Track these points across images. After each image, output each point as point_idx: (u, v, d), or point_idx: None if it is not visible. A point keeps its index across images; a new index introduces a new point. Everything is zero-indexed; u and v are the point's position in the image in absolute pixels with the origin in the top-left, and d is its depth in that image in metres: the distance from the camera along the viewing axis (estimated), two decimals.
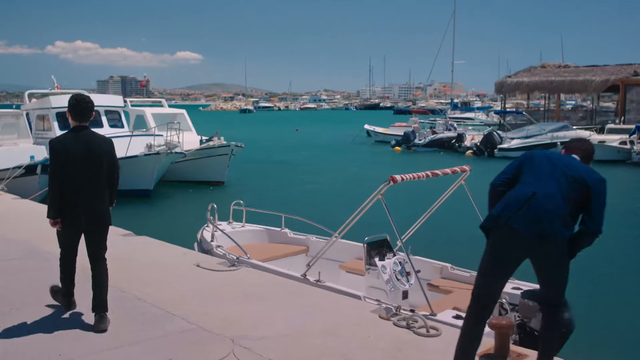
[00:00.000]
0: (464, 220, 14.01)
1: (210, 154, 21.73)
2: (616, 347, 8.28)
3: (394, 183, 6.75)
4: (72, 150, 5.50)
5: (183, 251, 8.57)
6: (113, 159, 5.75)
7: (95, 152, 5.59)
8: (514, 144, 33.14)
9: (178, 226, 15.26)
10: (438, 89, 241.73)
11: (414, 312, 6.24)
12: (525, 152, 4.91)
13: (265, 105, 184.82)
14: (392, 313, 6.15)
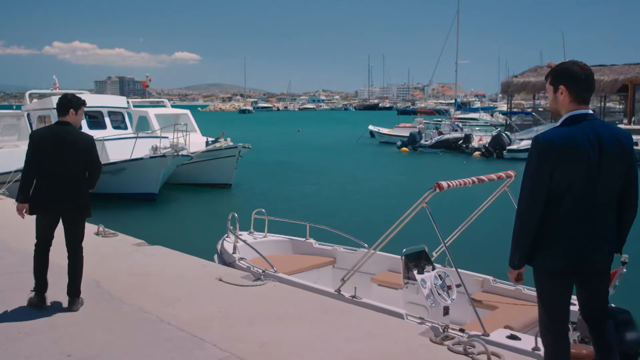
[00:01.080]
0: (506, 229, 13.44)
1: (217, 156, 21.09)
2: None
3: (440, 190, 6.14)
4: (45, 140, 5.98)
5: (202, 263, 7.95)
6: (91, 157, 6.06)
7: (68, 145, 5.94)
8: (524, 145, 32.48)
9: (189, 233, 14.64)
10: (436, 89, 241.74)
11: (465, 333, 5.66)
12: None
13: (264, 105, 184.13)
14: (442, 335, 5.57)
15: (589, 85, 3.93)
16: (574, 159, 3.79)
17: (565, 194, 3.84)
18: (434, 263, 7.42)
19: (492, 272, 7.65)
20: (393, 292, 7.50)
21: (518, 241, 3.96)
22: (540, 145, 3.83)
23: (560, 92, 3.93)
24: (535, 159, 3.86)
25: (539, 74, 42.79)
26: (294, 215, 13.01)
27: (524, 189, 3.96)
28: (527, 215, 3.89)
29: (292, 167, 29.88)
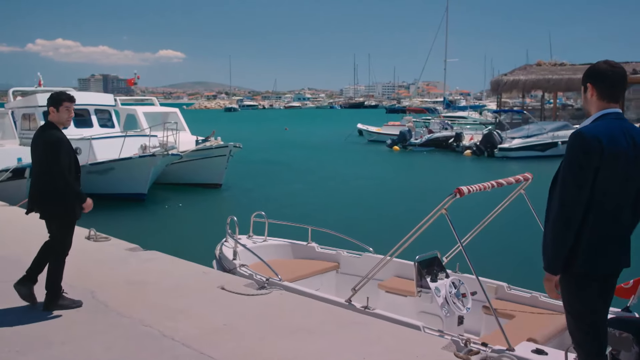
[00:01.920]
0: (521, 233, 12.95)
1: (207, 155, 20.61)
2: None
3: (461, 196, 5.77)
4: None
5: (202, 270, 7.53)
6: (42, 157, 5.86)
7: (34, 145, 5.97)
8: (515, 143, 32.34)
9: (183, 236, 14.14)
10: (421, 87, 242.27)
11: (488, 347, 5.32)
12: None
13: (250, 104, 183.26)
14: (466, 350, 5.23)
15: (614, 83, 3.79)
16: (616, 158, 3.64)
17: (605, 195, 3.67)
18: (447, 270, 7.09)
19: (506, 278, 7.32)
20: (402, 300, 7.14)
21: (559, 243, 3.69)
22: (587, 141, 3.62)
23: (588, 90, 3.84)
24: (580, 154, 3.63)
25: (529, 72, 42.74)
26: (290, 216, 12.64)
27: (567, 186, 3.68)
28: (571, 215, 3.65)
29: (282, 166, 29.46)
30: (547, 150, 32.24)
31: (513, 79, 42.04)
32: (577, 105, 54.63)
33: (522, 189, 6.95)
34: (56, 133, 5.92)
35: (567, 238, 3.67)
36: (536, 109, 46.78)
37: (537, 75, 41.42)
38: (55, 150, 5.78)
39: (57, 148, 5.79)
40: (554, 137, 32.59)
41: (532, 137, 32.83)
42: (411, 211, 17.26)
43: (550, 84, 40.45)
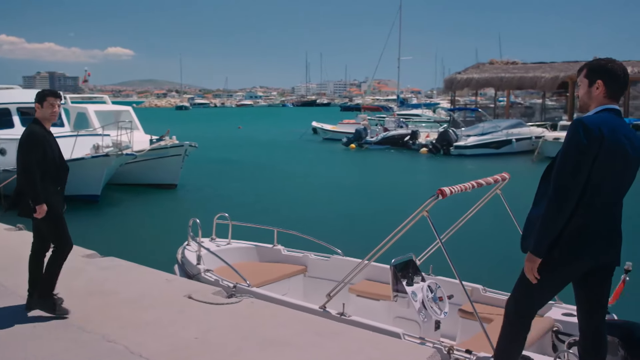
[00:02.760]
0: (496, 234, 12.89)
1: (162, 155, 20.03)
2: None
3: (443, 197, 5.53)
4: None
5: (166, 277, 7.13)
6: (18, 146, 5.68)
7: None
8: (471, 141, 32.60)
9: (141, 240, 13.61)
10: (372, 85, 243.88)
11: (473, 354, 5.13)
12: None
13: (201, 102, 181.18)
14: (451, 359, 5.01)
15: (623, 84, 3.90)
16: (615, 150, 3.71)
17: (599, 185, 3.73)
18: (422, 273, 6.87)
19: (481, 280, 7.14)
20: (375, 304, 6.91)
21: (550, 228, 3.74)
22: (588, 129, 3.66)
23: (596, 86, 3.86)
24: (581, 140, 3.67)
25: (482, 70, 43.29)
26: (253, 217, 12.28)
27: (564, 172, 3.71)
28: (567, 199, 3.70)
29: (239, 166, 28.99)
30: (502, 147, 32.64)
31: (466, 77, 42.48)
32: (526, 103, 55.58)
33: (499, 189, 6.74)
34: (33, 127, 5.78)
35: (558, 222, 3.71)
36: (487, 107, 47.38)
37: (490, 74, 41.95)
38: (23, 144, 5.66)
39: (26, 142, 5.65)
40: (508, 135, 33.00)
41: (487, 135, 33.17)
42: (376, 211, 17.13)
43: (503, 82, 41.02)
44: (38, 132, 5.73)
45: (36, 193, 5.55)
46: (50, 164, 5.73)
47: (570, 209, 3.70)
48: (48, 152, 5.71)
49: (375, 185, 23.15)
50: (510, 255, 3.85)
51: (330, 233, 11.79)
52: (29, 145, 5.63)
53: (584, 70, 3.97)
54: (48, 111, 5.86)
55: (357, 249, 8.82)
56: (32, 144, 5.63)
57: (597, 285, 3.97)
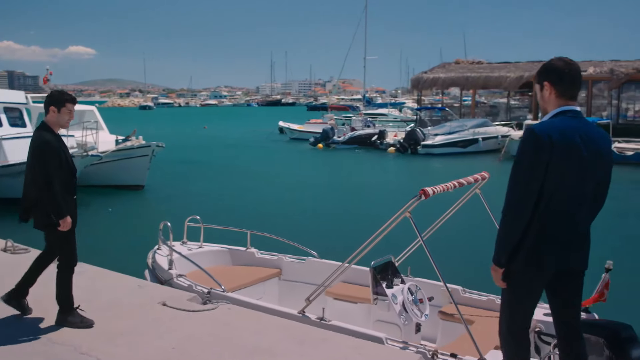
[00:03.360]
0: (474, 234, 12.73)
1: (129, 155, 19.60)
2: None
3: (426, 197, 5.42)
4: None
5: (137, 283, 6.89)
6: (34, 157, 5.41)
7: (29, 149, 5.53)
8: (438, 140, 32.74)
9: (108, 243, 13.15)
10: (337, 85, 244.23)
11: (458, 358, 5.04)
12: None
13: (165, 101, 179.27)
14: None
15: (573, 81, 3.78)
16: (568, 155, 3.63)
17: (555, 191, 3.65)
18: (407, 276, 6.76)
19: (460, 281, 7.05)
20: (353, 308, 6.79)
21: (507, 237, 3.74)
22: (537, 137, 3.61)
23: (545, 89, 3.80)
24: (531, 150, 3.63)
25: (448, 70, 43.56)
26: (224, 219, 12.05)
27: (516, 182, 3.68)
28: (521, 209, 3.66)
29: (206, 166, 28.61)
30: (469, 146, 32.86)
31: (433, 77, 42.71)
32: (490, 102, 56.17)
33: (478, 189, 6.66)
34: (45, 135, 5.46)
35: (514, 232, 3.68)
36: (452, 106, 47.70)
37: (456, 73, 42.23)
38: (40, 154, 5.36)
39: (44, 152, 5.36)
40: (474, 134, 33.23)
41: (454, 134, 33.35)
42: (350, 211, 17.01)
43: (469, 82, 41.33)
44: (52, 141, 5.44)
45: (59, 206, 5.33)
46: (66, 173, 5.50)
47: (525, 219, 3.66)
48: (63, 161, 5.46)
49: (346, 185, 23.05)
50: (489, 256, 3.77)
51: (304, 234, 11.63)
52: (47, 156, 5.35)
53: (536, 77, 3.94)
54: (65, 117, 5.61)
55: (332, 251, 8.68)
56: (50, 155, 5.36)
57: (564, 290, 3.94)
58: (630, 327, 5.08)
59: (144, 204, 18.83)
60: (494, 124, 36.12)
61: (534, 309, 3.95)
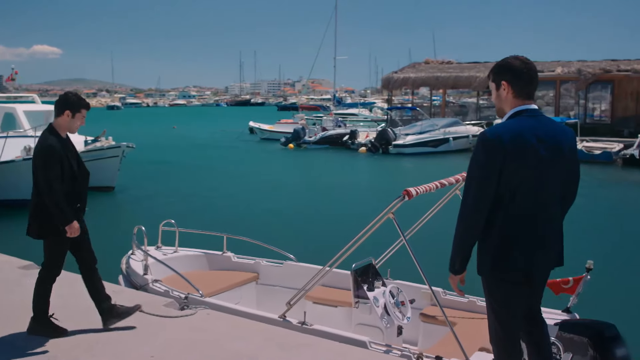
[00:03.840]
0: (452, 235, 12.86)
1: (99, 157, 19.20)
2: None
3: (410, 198, 5.34)
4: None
5: (112, 289, 6.67)
6: (35, 160, 5.16)
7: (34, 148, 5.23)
8: (409, 139, 32.85)
9: None
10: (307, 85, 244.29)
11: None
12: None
13: (133, 101, 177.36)
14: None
15: (531, 80, 3.73)
16: (523, 156, 3.55)
17: (515, 194, 3.58)
18: (386, 279, 6.69)
19: (441, 283, 6.98)
20: (333, 311, 6.70)
21: (460, 244, 3.71)
22: (488, 141, 3.57)
23: (502, 88, 3.72)
24: (482, 155, 3.59)
25: (418, 70, 43.73)
26: (196, 222, 11.88)
27: (469, 187, 3.67)
28: (473, 216, 3.63)
29: (177, 167, 28.27)
30: (440, 146, 33.04)
31: (403, 77, 42.85)
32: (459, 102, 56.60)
33: (458, 190, 6.60)
34: (50, 139, 5.21)
35: (469, 238, 3.67)
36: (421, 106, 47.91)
37: (427, 73, 42.41)
38: (43, 158, 5.12)
39: (44, 156, 5.11)
40: (445, 133, 33.42)
41: (425, 134, 33.50)
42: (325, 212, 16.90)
43: (439, 82, 41.53)
44: (56, 146, 5.20)
45: (63, 211, 5.09)
46: (68, 181, 5.23)
47: (479, 224, 3.62)
48: (66, 168, 5.21)
49: (320, 185, 22.95)
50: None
51: (280, 237, 11.52)
52: (48, 161, 5.11)
53: (490, 75, 3.83)
54: (77, 123, 5.45)
55: (309, 253, 8.57)
56: (52, 160, 5.11)
57: (536, 293, 3.92)
58: (613, 326, 5.09)
59: (115, 206, 18.51)
60: (464, 123, 36.37)
61: (519, 313, 3.83)
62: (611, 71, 35.60)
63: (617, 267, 11.09)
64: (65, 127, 5.40)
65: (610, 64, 37.23)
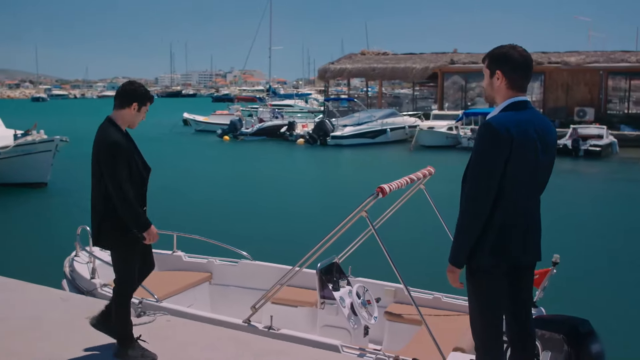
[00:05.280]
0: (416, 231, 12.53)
1: (30, 151, 18.31)
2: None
3: (384, 195, 5.17)
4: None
5: (60, 295, 6.25)
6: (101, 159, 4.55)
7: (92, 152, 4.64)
8: (347, 131, 32.86)
9: (14, 250, 12.03)
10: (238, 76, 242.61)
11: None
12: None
13: (60, 93, 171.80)
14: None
15: (527, 72, 3.71)
16: (525, 149, 3.55)
17: (513, 186, 3.57)
18: (348, 277, 6.47)
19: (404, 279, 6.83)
20: (294, 312, 6.48)
21: (466, 237, 3.60)
22: (496, 131, 3.51)
23: (496, 77, 3.68)
24: (490, 146, 3.53)
25: (354, 61, 43.85)
26: None
27: (476, 178, 3.58)
28: (482, 207, 3.55)
29: None
30: (377, 137, 33.18)
31: (340, 67, 42.89)
32: (393, 93, 57.20)
33: (422, 184, 6.44)
34: (115, 134, 4.61)
35: (474, 230, 3.58)
36: (356, 97, 48.12)
37: (363, 64, 42.54)
38: (111, 156, 4.51)
39: (115, 153, 4.50)
40: (383, 125, 33.58)
41: (363, 125, 33.61)
42: (274, 207, 16.54)
43: (376, 73, 41.73)
44: (122, 142, 4.61)
45: (139, 215, 4.56)
46: (137, 181, 4.66)
47: (484, 216, 3.56)
48: (133, 167, 4.64)
49: (262, 179, 22.59)
50: (433, 253, 3.58)
51: (232, 234, 11.18)
52: (117, 160, 4.51)
53: (486, 59, 3.77)
54: (141, 117, 4.85)
55: (264, 250, 8.28)
56: (121, 158, 4.53)
57: (524, 285, 3.86)
58: (587, 321, 5.04)
59: (50, 204, 17.66)
60: (401, 114, 36.68)
61: (504, 308, 3.79)
62: (542, 63, 36.64)
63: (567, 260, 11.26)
64: (129, 121, 4.78)
65: (542, 56, 38.33)
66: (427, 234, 7.13)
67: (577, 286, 9.61)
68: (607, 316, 8.23)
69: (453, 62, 39.91)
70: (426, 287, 6.61)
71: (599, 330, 5.01)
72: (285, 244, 11.13)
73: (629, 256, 12.11)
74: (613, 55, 38.01)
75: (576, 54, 38.92)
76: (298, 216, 14.40)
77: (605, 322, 6.72)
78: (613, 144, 29.37)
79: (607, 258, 11.96)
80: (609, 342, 5.44)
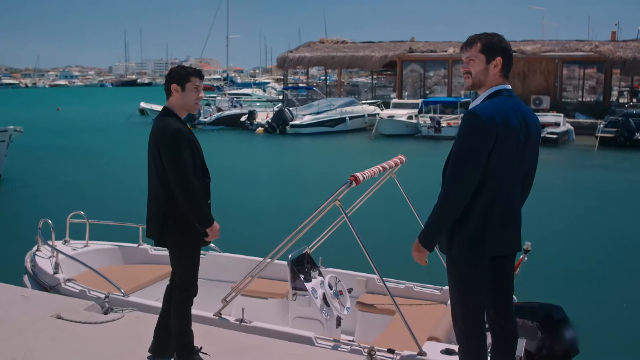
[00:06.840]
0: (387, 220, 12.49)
1: None
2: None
3: (357, 184, 5.12)
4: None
5: (21, 292, 6.01)
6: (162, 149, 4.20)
7: (149, 144, 4.33)
8: (307, 120, 32.78)
9: None
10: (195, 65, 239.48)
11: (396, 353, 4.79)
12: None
13: (9, 82, 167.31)
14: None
15: (512, 61, 3.79)
16: (509, 139, 3.53)
17: (496, 175, 3.55)
18: (319, 267, 6.40)
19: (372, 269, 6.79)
20: (264, 304, 6.40)
21: (441, 222, 3.59)
22: (481, 121, 3.48)
23: (494, 63, 3.66)
24: (475, 135, 3.49)
25: (313, 49, 43.73)
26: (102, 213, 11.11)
27: (458, 166, 3.54)
28: (461, 196, 3.52)
29: (68, 152, 26.55)
30: (337, 125, 33.19)
31: (299, 56, 42.72)
32: (352, 81, 57.27)
33: (393, 173, 6.38)
34: (174, 122, 4.28)
35: (449, 218, 3.57)
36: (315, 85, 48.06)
37: (322, 53, 42.46)
38: (173, 147, 4.17)
39: (176, 143, 4.17)
40: (342, 113, 33.60)
41: (322, 114, 33.57)
42: (236, 197, 16.32)
43: (335, 61, 41.72)
44: (184, 130, 4.30)
45: (204, 211, 4.30)
46: (200, 173, 4.36)
47: (463, 203, 3.54)
48: (197, 157, 4.33)
49: (224, 169, 22.25)
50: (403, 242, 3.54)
51: None
52: (180, 151, 4.19)
53: (476, 44, 3.67)
54: (193, 96, 4.41)
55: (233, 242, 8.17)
56: (184, 149, 4.21)
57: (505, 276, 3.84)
58: (560, 308, 5.12)
59: (5, 197, 17.13)
60: (360, 102, 36.73)
61: (486, 297, 3.76)
62: None
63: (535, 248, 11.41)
64: (181, 106, 4.43)
65: None
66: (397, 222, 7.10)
67: (547, 273, 9.72)
68: (579, 302, 8.33)
69: (412, 50, 40.11)
70: (398, 277, 6.57)
71: (572, 316, 5.06)
72: (251, 236, 11.03)
73: (593, 240, 12.35)
74: (568, 45, 38.64)
75: (532, 43, 39.45)
76: (263, 207, 14.28)
77: (577, 308, 6.80)
78: (570, 132, 29.92)
79: (572, 243, 12.16)
80: (582, 327, 5.51)
